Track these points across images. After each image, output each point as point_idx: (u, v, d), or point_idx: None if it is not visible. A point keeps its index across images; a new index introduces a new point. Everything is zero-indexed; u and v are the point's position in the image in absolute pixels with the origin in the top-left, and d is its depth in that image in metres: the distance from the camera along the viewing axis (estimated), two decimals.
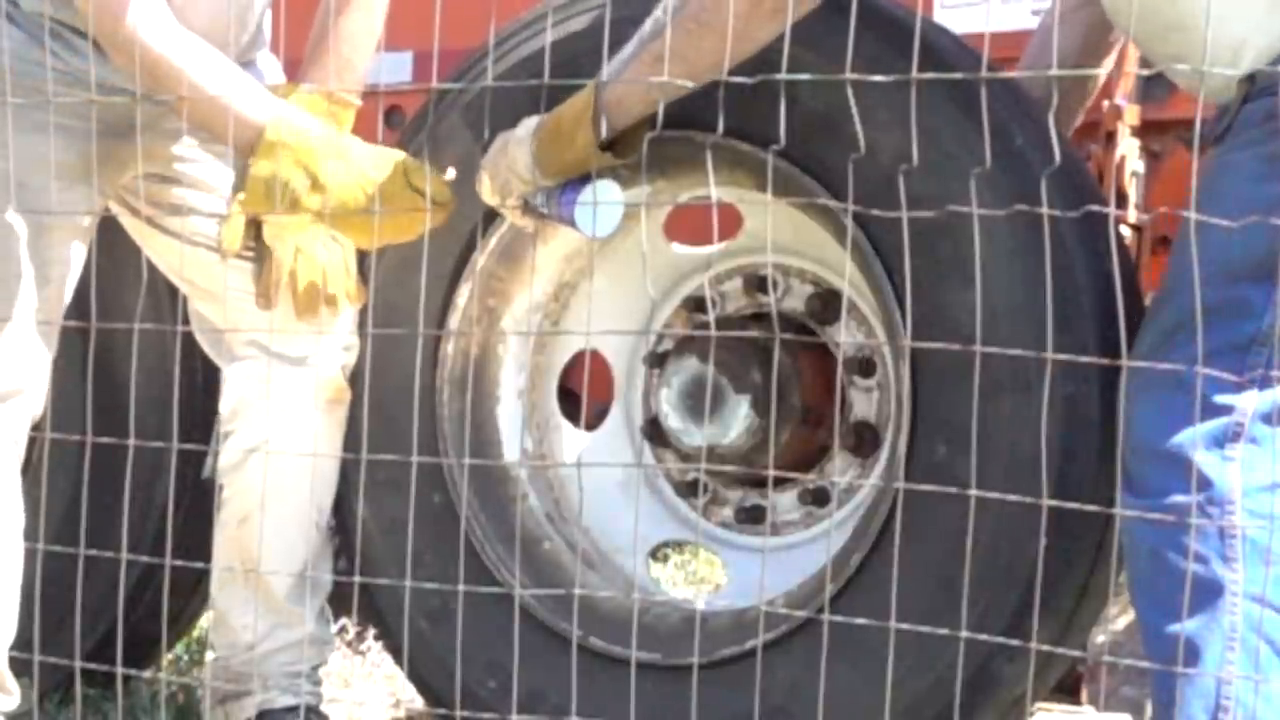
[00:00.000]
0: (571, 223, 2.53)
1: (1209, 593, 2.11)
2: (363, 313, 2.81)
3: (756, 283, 2.84)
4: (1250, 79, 2.22)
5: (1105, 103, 2.77)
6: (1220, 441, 2.14)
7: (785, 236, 2.73)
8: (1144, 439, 2.17)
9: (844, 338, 2.73)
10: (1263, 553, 2.12)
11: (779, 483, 2.80)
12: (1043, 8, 2.88)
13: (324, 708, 2.92)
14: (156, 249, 2.85)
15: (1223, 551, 2.12)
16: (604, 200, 2.50)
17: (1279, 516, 2.12)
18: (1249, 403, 2.13)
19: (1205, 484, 2.13)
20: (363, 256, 2.71)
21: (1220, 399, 2.13)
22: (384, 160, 2.58)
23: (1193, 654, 2.11)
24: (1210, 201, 2.16)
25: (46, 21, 2.64)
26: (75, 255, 2.73)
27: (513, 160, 2.53)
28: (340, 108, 2.72)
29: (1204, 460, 2.13)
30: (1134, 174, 2.79)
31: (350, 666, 3.52)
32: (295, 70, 2.81)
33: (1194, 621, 2.11)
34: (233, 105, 2.56)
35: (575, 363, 2.98)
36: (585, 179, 2.50)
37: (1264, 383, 2.13)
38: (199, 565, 2.76)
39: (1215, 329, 2.09)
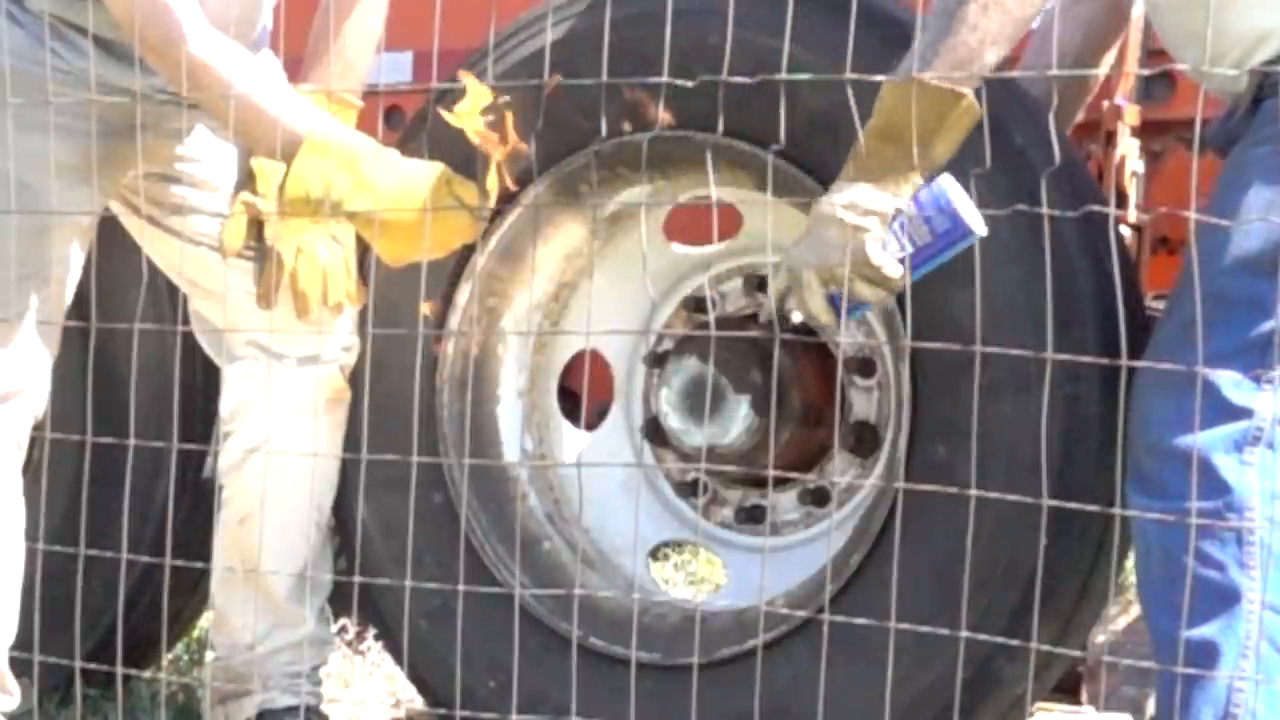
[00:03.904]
0: (964, 230, 2.20)
1: (1226, 599, 2.10)
2: (363, 313, 2.81)
3: (756, 283, 2.84)
4: (1264, 75, 2.20)
5: (1105, 103, 2.77)
6: (1239, 445, 2.12)
7: (785, 236, 2.73)
8: (1160, 439, 2.15)
9: (844, 338, 2.73)
10: (1277, 560, 2.11)
11: (779, 483, 2.79)
12: (1043, 8, 2.87)
13: (324, 708, 2.92)
14: (157, 248, 2.85)
15: (1240, 558, 2.11)
16: (957, 191, 2.21)
17: None
18: (1268, 405, 2.12)
19: (1224, 489, 2.11)
20: (363, 257, 2.71)
21: (1239, 400, 2.12)
22: (427, 170, 2.58)
23: (1206, 660, 2.10)
24: (1230, 195, 2.15)
25: (47, 20, 2.64)
26: (76, 255, 2.73)
27: (853, 205, 2.20)
28: (342, 109, 2.73)
29: (1223, 464, 2.11)
30: (1134, 174, 2.79)
31: (350, 666, 3.52)
32: (295, 70, 2.82)
33: (1209, 627, 2.10)
34: (273, 111, 2.56)
35: (575, 363, 2.98)
36: (924, 188, 2.22)
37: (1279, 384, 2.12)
38: (199, 565, 2.76)
39: (1233, 324, 2.08)
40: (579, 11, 2.68)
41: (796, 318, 2.28)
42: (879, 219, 2.19)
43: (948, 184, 2.20)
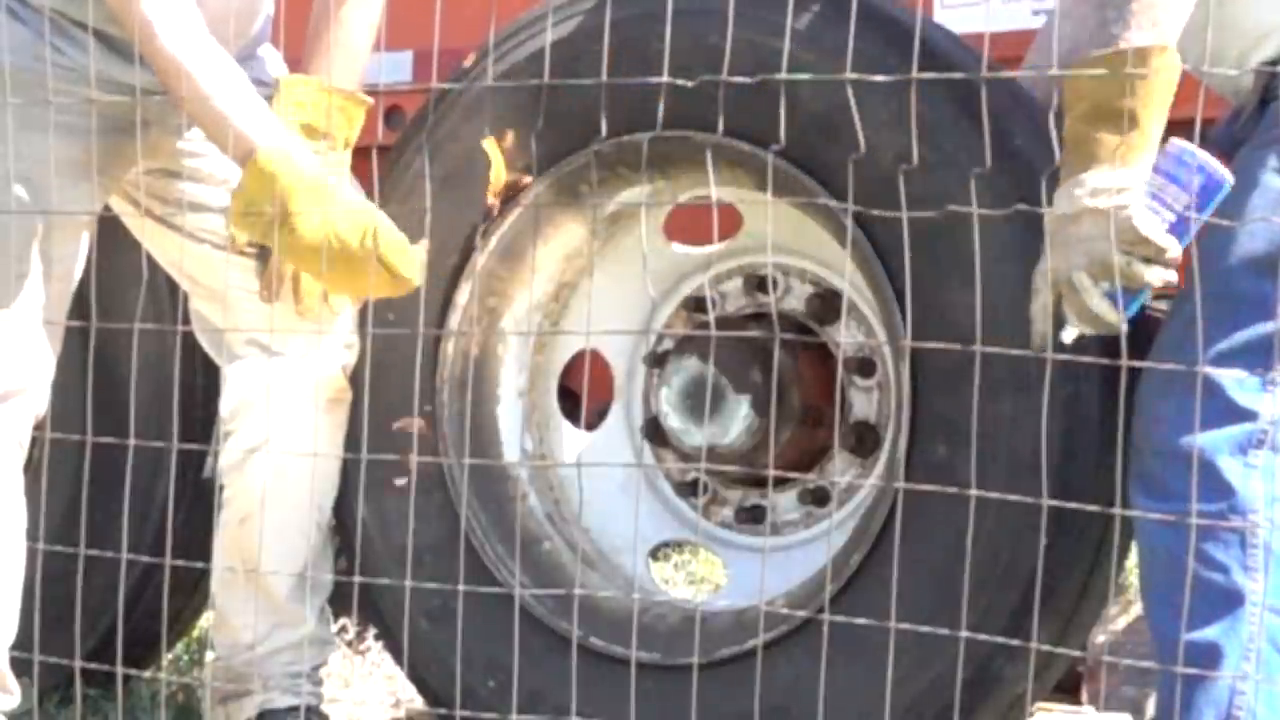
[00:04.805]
0: (1219, 181, 2.10)
1: (1229, 602, 2.10)
2: (362, 313, 2.81)
3: (756, 283, 2.84)
4: (1271, 76, 2.20)
5: None
6: (1244, 448, 2.12)
7: (785, 236, 2.74)
8: (1166, 441, 2.15)
9: (844, 338, 2.73)
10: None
11: (779, 483, 2.79)
12: (1044, 7, 2.87)
13: (324, 708, 2.92)
14: (158, 244, 2.84)
15: (1244, 561, 2.11)
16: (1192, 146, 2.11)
17: None
18: (1272, 408, 2.12)
19: (1228, 491, 2.11)
20: None
21: (1244, 403, 2.12)
22: (361, 220, 2.51)
23: (1209, 661, 2.10)
24: (1236, 196, 2.15)
25: (47, 16, 2.64)
26: (79, 252, 2.73)
27: (1099, 190, 2.08)
28: (353, 104, 2.70)
29: (1227, 467, 2.11)
30: None
31: (350, 666, 3.52)
32: (297, 68, 2.81)
33: (1212, 630, 2.10)
34: (234, 121, 2.55)
35: (575, 363, 2.98)
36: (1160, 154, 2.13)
37: None
38: (199, 565, 2.76)
39: (1238, 324, 2.08)
40: (579, 11, 2.68)
41: (1069, 336, 2.15)
42: (1133, 194, 2.06)
43: (1183, 142, 2.11)
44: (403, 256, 2.52)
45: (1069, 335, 2.14)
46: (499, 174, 2.67)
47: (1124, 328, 2.08)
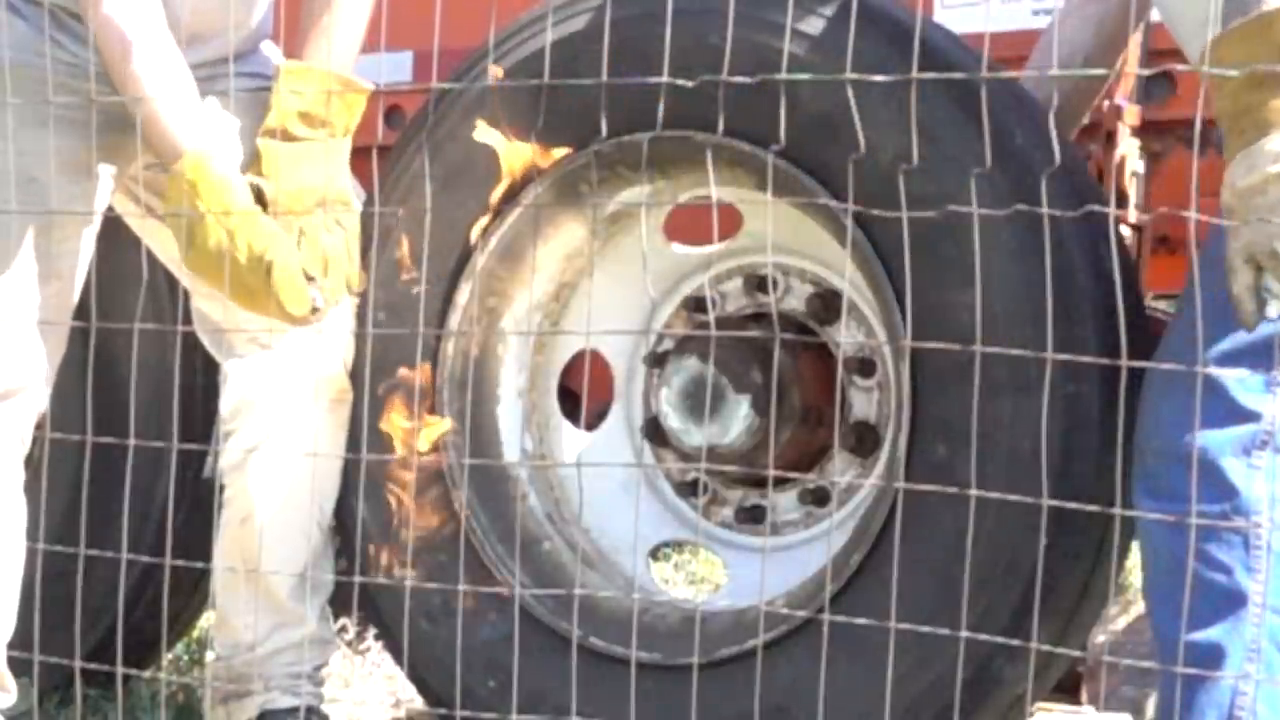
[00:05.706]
0: None
1: (1231, 602, 2.10)
2: (362, 312, 2.81)
3: (756, 283, 2.84)
4: None
5: (1105, 103, 2.78)
6: (1247, 449, 2.12)
7: (785, 236, 2.74)
8: (1171, 442, 2.15)
9: (844, 338, 2.73)
10: None
11: (779, 483, 2.80)
12: (1043, 7, 2.88)
13: (324, 708, 2.92)
14: (160, 242, 2.84)
15: (1247, 562, 2.11)
16: None
17: None
18: (1275, 409, 2.12)
19: (1231, 492, 2.11)
20: (365, 248, 2.71)
21: (1247, 403, 2.11)
22: (259, 244, 2.52)
23: (1211, 662, 2.10)
24: None
25: (46, 9, 2.64)
26: (82, 250, 2.73)
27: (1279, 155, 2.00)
28: (353, 92, 2.69)
29: (1230, 467, 2.11)
30: (1134, 174, 2.79)
31: (350, 666, 3.52)
32: None
33: (1215, 630, 2.10)
34: (165, 123, 2.55)
35: (575, 363, 2.98)
36: None
37: None
38: (199, 565, 2.76)
39: (1241, 325, 2.08)
40: (579, 11, 2.68)
41: (1275, 310, 2.03)
42: None
43: None
44: (293, 291, 2.53)
45: (1275, 309, 2.06)
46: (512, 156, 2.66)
47: None
